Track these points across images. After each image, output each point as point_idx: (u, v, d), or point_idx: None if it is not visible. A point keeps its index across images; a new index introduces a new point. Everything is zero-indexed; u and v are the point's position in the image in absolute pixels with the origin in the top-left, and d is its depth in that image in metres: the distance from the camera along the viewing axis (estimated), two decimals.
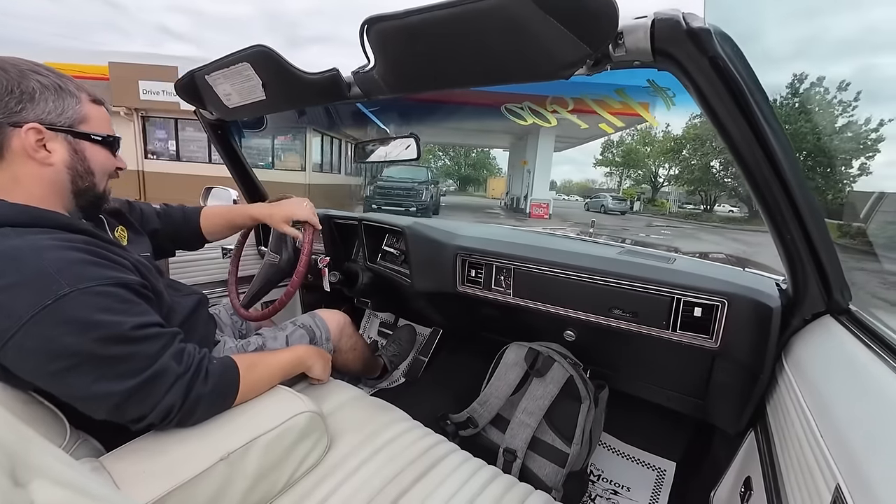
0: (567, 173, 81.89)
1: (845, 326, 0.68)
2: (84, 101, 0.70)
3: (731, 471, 0.87)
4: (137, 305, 0.65)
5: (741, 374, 0.87)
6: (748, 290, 0.84)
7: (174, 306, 0.80)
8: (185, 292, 0.91)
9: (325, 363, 0.98)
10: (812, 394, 0.59)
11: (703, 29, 0.51)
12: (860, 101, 14.80)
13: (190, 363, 0.66)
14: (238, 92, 1.01)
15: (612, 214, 22.24)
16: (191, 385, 0.65)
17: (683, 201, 29.21)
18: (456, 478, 0.77)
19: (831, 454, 0.45)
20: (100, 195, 0.75)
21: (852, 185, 14.79)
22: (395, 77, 0.76)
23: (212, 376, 0.68)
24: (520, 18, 0.55)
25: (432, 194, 11.41)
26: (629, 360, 1.26)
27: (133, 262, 0.70)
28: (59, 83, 0.66)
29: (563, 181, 73.44)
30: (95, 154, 0.72)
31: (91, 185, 0.72)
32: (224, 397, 0.71)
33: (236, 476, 0.65)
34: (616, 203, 23.87)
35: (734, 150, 0.62)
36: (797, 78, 15.67)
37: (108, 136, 0.74)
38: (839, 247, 0.69)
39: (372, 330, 2.02)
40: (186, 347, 0.68)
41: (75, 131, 0.68)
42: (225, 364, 0.73)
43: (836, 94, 15.32)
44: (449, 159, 49.02)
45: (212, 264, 1.62)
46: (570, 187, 62.64)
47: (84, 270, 0.59)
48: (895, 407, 0.45)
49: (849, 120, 14.97)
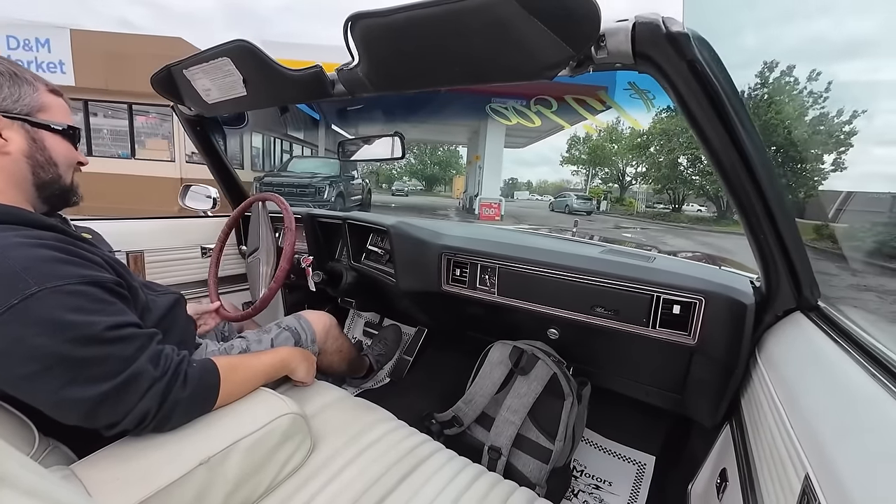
0: (544, 174, 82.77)
1: (814, 322, 0.71)
2: (41, 90, 0.67)
3: (708, 463, 0.89)
4: (112, 305, 0.62)
5: (717, 369, 0.90)
6: (724, 287, 0.87)
7: (150, 305, 0.78)
8: (161, 291, 0.88)
9: (310, 365, 0.96)
10: (783, 388, 0.61)
11: (681, 33, 0.52)
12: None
13: (167, 367, 0.63)
14: (218, 87, 0.98)
15: (578, 215, 20.38)
16: (168, 390, 0.62)
17: (653, 201, 28.35)
18: (441, 476, 0.77)
19: (801, 445, 0.47)
20: (66, 188, 0.72)
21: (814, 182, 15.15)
22: (379, 75, 0.76)
23: (191, 380, 0.66)
24: (505, 19, 0.55)
25: (341, 191, 9.16)
26: (611, 357, 1.29)
27: (105, 258, 0.67)
28: (14, 70, 0.64)
29: (538, 181, 73.92)
30: (56, 144, 0.69)
31: (56, 177, 0.69)
32: (203, 402, 0.69)
33: (216, 481, 0.63)
34: (581, 203, 22.32)
35: (711, 152, 0.63)
36: (767, 66, 16.00)
37: (68, 126, 0.70)
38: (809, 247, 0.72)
39: (356, 330, 2.00)
40: (164, 349, 0.65)
41: (33, 120, 0.65)
42: (205, 367, 0.70)
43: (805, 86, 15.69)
44: (414, 157, 46.83)
45: (191, 264, 1.57)
46: (546, 187, 62.74)
47: (54, 268, 0.57)
48: (859, 399, 0.47)
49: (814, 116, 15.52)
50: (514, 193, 59.95)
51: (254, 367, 0.80)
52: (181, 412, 0.65)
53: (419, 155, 46.84)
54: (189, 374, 0.66)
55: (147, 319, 0.75)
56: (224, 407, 0.74)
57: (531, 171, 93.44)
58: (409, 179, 47.74)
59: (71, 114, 0.73)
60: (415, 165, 48.21)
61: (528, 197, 55.34)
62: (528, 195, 58.38)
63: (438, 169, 47.00)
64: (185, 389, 0.64)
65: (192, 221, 1.63)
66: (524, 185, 68.40)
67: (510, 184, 69.34)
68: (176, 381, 0.64)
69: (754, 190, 0.65)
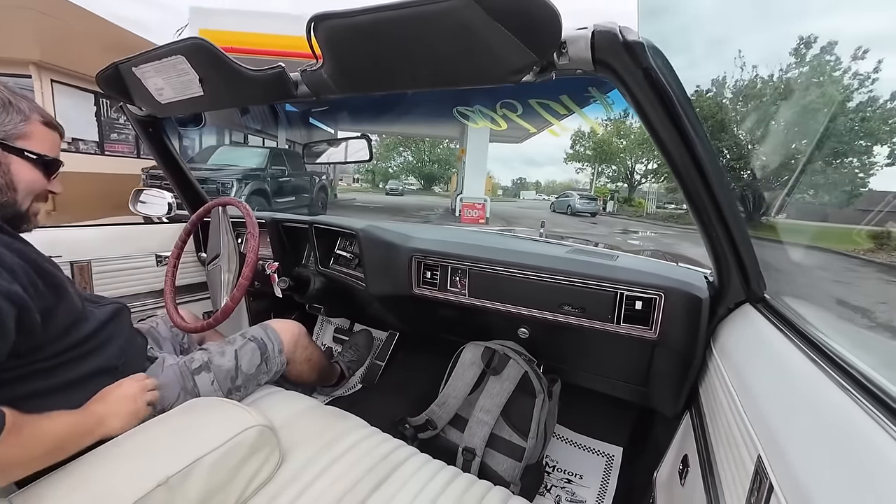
0: (553, 174, 79.77)
1: (761, 313, 0.76)
2: (33, 121, 0.71)
3: (671, 451, 0.94)
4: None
5: (677, 361, 0.95)
6: (681, 283, 0.92)
7: (86, 315, 0.75)
8: (103, 303, 0.84)
9: (129, 405, 0.72)
10: (736, 375, 0.65)
11: (637, 42, 0.55)
12: None
13: None
14: (172, 87, 0.93)
15: (582, 216, 18.48)
16: None
17: (665, 200, 24.20)
18: (416, 481, 0.77)
19: (753, 428, 0.50)
20: (20, 213, 0.72)
21: None
22: (343, 76, 0.75)
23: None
24: (470, 24, 0.56)
25: (264, 188, 7.46)
26: (579, 354, 1.32)
27: (30, 259, 0.65)
28: (9, 99, 0.69)
29: (547, 181, 71.04)
30: (22, 170, 0.70)
31: (11, 201, 0.70)
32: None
33: (177, 501, 0.60)
34: (584, 203, 19.46)
35: (665, 153, 0.67)
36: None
37: (44, 155, 0.72)
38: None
39: (326, 336, 1.95)
40: None
41: (7, 144, 0.68)
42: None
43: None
44: (411, 155, 41.74)
45: (145, 273, 1.48)
46: (555, 188, 58.27)
47: None
48: (801, 382, 0.51)
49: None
50: (521, 193, 58.09)
51: (46, 431, 0.59)
52: None
53: (416, 152, 41.30)
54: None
55: (81, 329, 0.73)
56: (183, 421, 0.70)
57: (540, 171, 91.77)
58: (406, 178, 43.15)
59: (58, 147, 0.76)
60: (412, 163, 43.16)
61: (535, 197, 53.39)
62: (534, 195, 56.27)
63: (437, 167, 42.09)
64: None
65: (146, 228, 1.54)
66: (532, 185, 66.89)
67: (518, 184, 67.66)
68: None
69: (705, 190, 0.69)
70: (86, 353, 0.74)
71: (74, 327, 0.71)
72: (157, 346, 1.02)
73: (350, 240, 1.48)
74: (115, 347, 0.79)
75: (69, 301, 0.70)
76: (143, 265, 1.48)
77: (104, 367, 0.76)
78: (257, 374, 0.99)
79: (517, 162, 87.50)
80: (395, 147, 40.34)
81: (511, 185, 68.00)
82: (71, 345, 0.71)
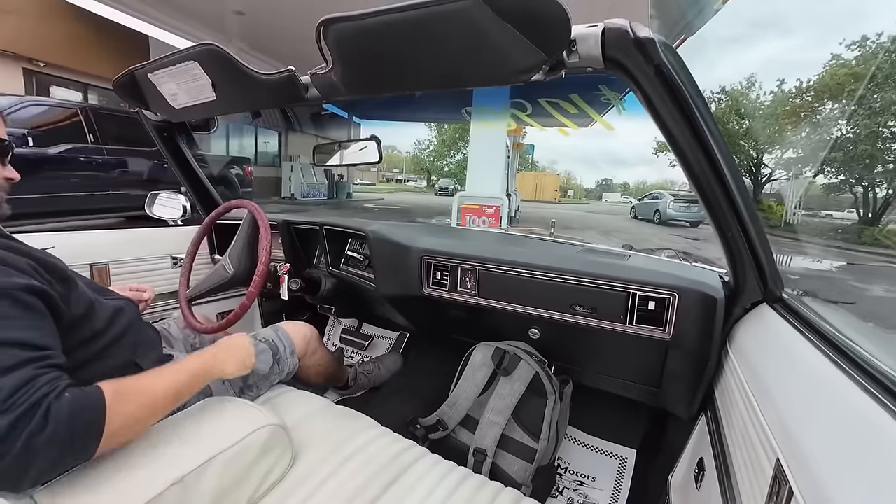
0: (643, 174, 73.50)
1: (779, 313, 0.74)
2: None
3: (686, 454, 0.92)
4: (2, 319, 0.54)
5: (691, 362, 0.93)
6: (696, 283, 0.90)
7: (98, 301, 0.75)
8: (109, 296, 0.85)
9: (242, 354, 0.81)
10: (753, 377, 0.64)
11: (648, 38, 0.54)
12: None
13: (21, 400, 0.49)
14: (186, 92, 0.95)
15: (675, 225, 13.52)
16: (14, 430, 0.47)
17: (816, 204, 13.43)
18: (427, 481, 0.77)
19: (771, 431, 0.49)
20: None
21: None
22: (353, 79, 0.75)
23: (55, 418, 0.50)
24: (479, 24, 0.56)
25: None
26: (591, 355, 1.31)
27: (34, 257, 0.63)
28: None
29: (637, 182, 65.81)
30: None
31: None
32: (79, 445, 0.53)
33: (192, 500, 0.61)
34: (681, 207, 13.74)
35: (678, 152, 0.66)
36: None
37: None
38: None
39: (335, 337, 1.97)
40: (38, 378, 0.52)
41: None
42: (82, 399, 0.54)
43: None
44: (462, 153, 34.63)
45: (160, 275, 1.51)
46: (645, 189, 49.33)
47: None
48: (823, 385, 0.50)
49: None
50: (604, 195, 54.16)
51: (153, 389, 0.63)
52: (43, 461, 0.50)
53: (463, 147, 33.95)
54: (54, 409, 0.50)
55: (94, 319, 0.73)
56: (198, 420, 0.71)
57: (630, 172, 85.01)
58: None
59: (2, 130, 0.70)
60: (461, 161, 37.71)
61: (619, 199, 47.95)
62: (619, 197, 51.96)
63: None
64: (43, 431, 0.49)
65: (161, 230, 1.57)
66: (619, 187, 62.85)
67: (603, 185, 64.11)
68: (29, 420, 0.48)
69: (721, 189, 0.68)
70: (102, 346, 0.74)
71: (88, 318, 0.71)
72: (169, 346, 1.04)
73: (360, 241, 1.49)
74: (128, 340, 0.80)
75: (80, 291, 0.70)
76: (158, 267, 1.51)
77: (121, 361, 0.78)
78: (269, 375, 1.00)
79: (602, 161, 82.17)
80: (454, 143, 34.31)
81: (595, 186, 64.64)
82: (87, 337, 0.71)
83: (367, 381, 1.56)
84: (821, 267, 6.84)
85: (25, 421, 0.48)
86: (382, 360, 1.69)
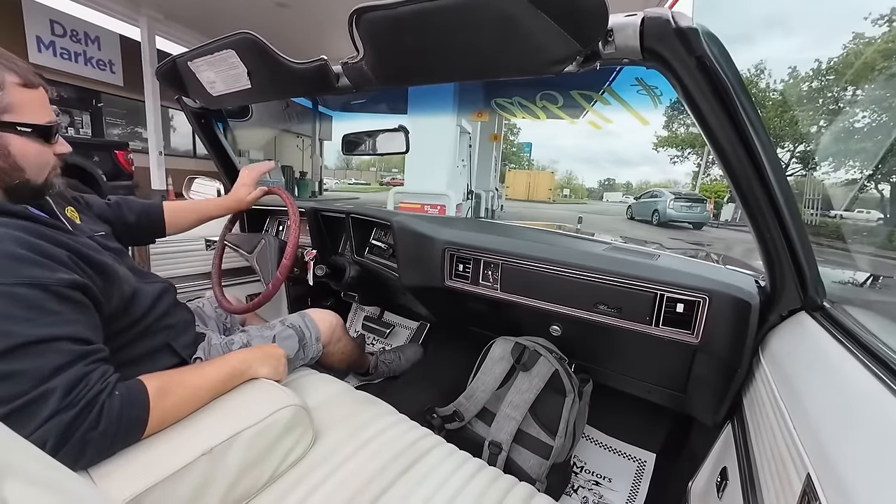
0: (647, 174, 72.05)
1: (819, 323, 0.70)
2: (10, 86, 0.60)
3: (709, 461, 0.89)
4: (51, 314, 0.55)
5: (720, 368, 0.90)
6: (729, 286, 0.87)
7: (139, 289, 0.78)
8: (151, 280, 0.88)
9: (276, 363, 0.87)
10: (786, 387, 0.61)
11: (691, 28, 0.51)
12: None
13: (79, 397, 0.54)
14: (222, 80, 0.98)
15: (677, 227, 12.67)
16: (73, 425, 0.53)
17: (838, 202, 7.84)
18: (441, 471, 0.78)
19: (803, 445, 0.46)
20: (38, 188, 0.68)
21: None
22: (384, 69, 0.75)
23: (107, 415, 0.56)
24: (512, 13, 0.54)
25: None
26: (613, 355, 1.28)
27: (74, 249, 0.63)
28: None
29: (640, 182, 64.80)
30: (24, 147, 0.63)
31: (23, 182, 0.64)
32: (125, 436, 0.60)
33: (218, 471, 0.64)
34: (682, 207, 12.69)
35: (718, 149, 0.63)
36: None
37: (38, 124, 0.64)
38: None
39: (357, 324, 2.01)
40: (91, 374, 0.57)
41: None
42: (130, 397, 0.61)
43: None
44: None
45: (195, 256, 1.58)
46: (647, 189, 50.75)
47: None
48: (864, 399, 0.47)
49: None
50: (605, 195, 53.44)
51: (194, 385, 0.70)
52: (94, 450, 0.56)
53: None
54: (107, 407, 0.57)
55: (136, 306, 0.76)
56: (226, 398, 0.75)
57: (633, 172, 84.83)
58: None
59: (47, 104, 0.66)
60: None
61: (620, 199, 46.68)
62: (620, 196, 50.87)
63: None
64: (97, 426, 0.55)
65: None
66: (621, 186, 61.95)
67: (605, 185, 63.59)
68: (86, 416, 0.54)
69: (762, 189, 0.64)
70: (139, 332, 0.78)
71: (128, 308, 0.74)
72: (203, 324, 1.09)
73: (385, 230, 1.51)
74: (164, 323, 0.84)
75: (119, 283, 0.72)
76: (193, 248, 1.58)
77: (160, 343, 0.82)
78: (294, 359, 1.03)
79: (605, 161, 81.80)
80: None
81: (598, 185, 63.77)
82: (125, 326, 0.75)
83: (388, 370, 1.59)
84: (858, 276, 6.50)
85: (82, 418, 0.54)
86: (403, 350, 1.71)
